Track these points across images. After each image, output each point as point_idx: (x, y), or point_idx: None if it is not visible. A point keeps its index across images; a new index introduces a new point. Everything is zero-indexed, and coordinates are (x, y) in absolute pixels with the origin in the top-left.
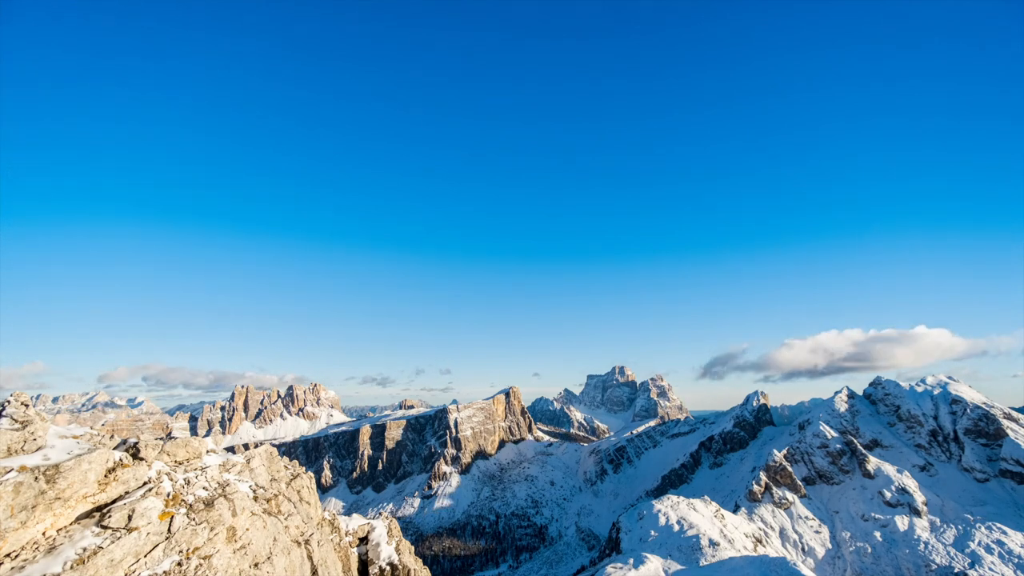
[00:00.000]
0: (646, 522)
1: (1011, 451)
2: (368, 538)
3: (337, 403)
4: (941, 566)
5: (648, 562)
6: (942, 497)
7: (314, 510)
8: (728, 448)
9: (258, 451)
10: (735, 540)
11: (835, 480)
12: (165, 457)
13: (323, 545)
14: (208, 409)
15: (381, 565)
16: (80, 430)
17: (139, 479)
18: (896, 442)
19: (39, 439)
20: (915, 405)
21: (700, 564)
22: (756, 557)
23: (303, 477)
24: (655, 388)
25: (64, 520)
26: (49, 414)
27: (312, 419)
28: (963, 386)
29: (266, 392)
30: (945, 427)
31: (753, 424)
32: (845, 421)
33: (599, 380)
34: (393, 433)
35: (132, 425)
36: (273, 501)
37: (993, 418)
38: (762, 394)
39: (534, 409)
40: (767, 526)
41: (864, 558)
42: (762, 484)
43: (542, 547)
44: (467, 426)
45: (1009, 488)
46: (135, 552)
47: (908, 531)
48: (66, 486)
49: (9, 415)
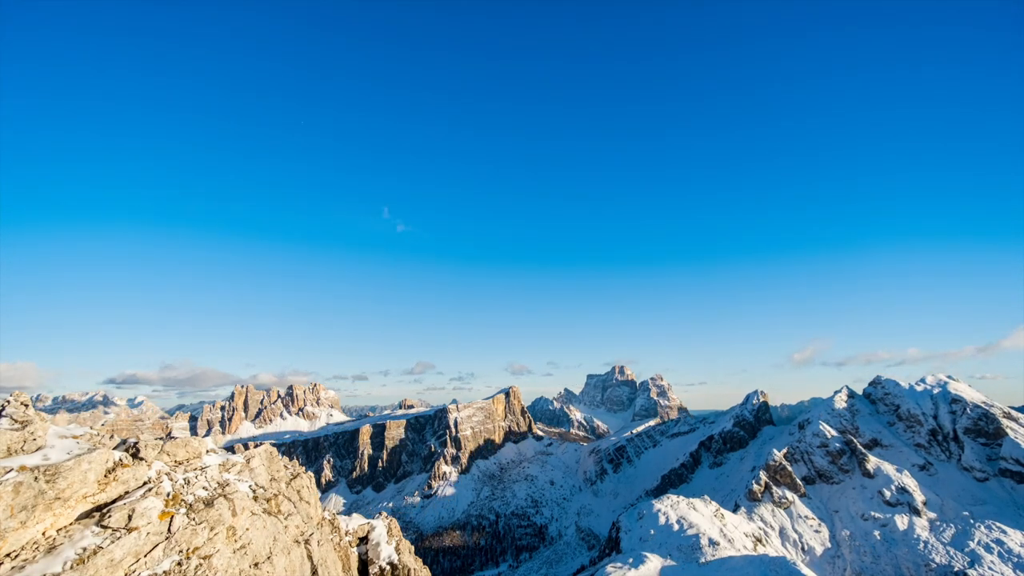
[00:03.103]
0: (646, 522)
1: (1011, 450)
2: (368, 538)
3: (337, 403)
4: (941, 565)
5: (648, 561)
6: (942, 496)
7: (314, 510)
8: (728, 448)
9: (258, 451)
10: (735, 539)
11: (835, 479)
12: (165, 457)
13: (323, 545)
14: (208, 409)
15: (381, 565)
16: (80, 430)
17: (139, 479)
18: (896, 441)
19: (39, 439)
20: (915, 404)
21: (700, 563)
22: (756, 556)
23: (303, 477)
24: (655, 388)
25: (64, 520)
26: (49, 414)
27: (312, 419)
28: (963, 385)
29: (266, 392)
30: (945, 426)
31: (753, 424)
32: (845, 420)
33: (599, 380)
34: (393, 433)
35: (132, 425)
36: (273, 501)
37: (993, 417)
38: (762, 393)
39: (534, 409)
40: (767, 525)
41: (864, 557)
42: (762, 483)
43: (542, 547)
44: (467, 426)
45: (1009, 487)
46: (135, 552)
47: (908, 530)
48: (66, 486)
49: (9, 415)
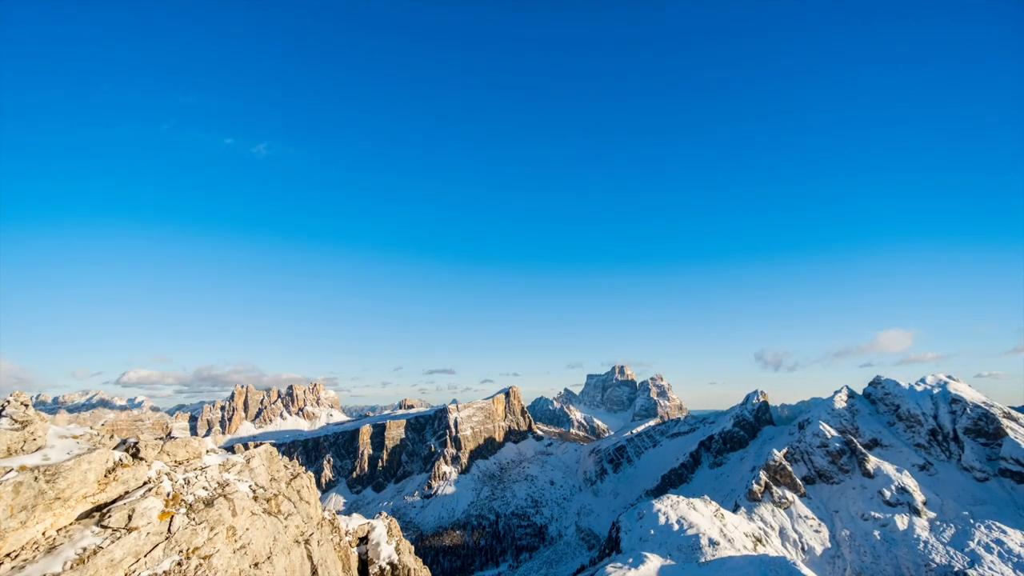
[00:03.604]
0: (646, 521)
1: (1011, 450)
2: (368, 538)
3: (337, 403)
4: (941, 565)
5: (648, 561)
6: (942, 496)
7: (314, 510)
8: (728, 447)
9: (258, 451)
10: (735, 539)
11: (835, 479)
12: (165, 457)
13: (323, 545)
14: (208, 409)
15: (381, 565)
16: (80, 430)
17: (139, 479)
18: (896, 441)
19: (39, 439)
20: (915, 404)
21: (700, 563)
22: (756, 556)
23: (303, 477)
24: (655, 388)
25: (64, 520)
26: (49, 414)
27: (312, 419)
28: (963, 385)
29: (266, 392)
30: (945, 426)
31: (753, 423)
32: (845, 420)
33: (599, 380)
34: (393, 433)
35: (132, 425)
36: (273, 501)
37: (993, 417)
38: (762, 393)
39: (534, 409)
40: (767, 525)
41: (864, 557)
42: (762, 483)
43: (542, 547)
44: (467, 426)
45: (1009, 487)
46: (135, 552)
47: (908, 530)
48: (66, 486)
49: (9, 415)
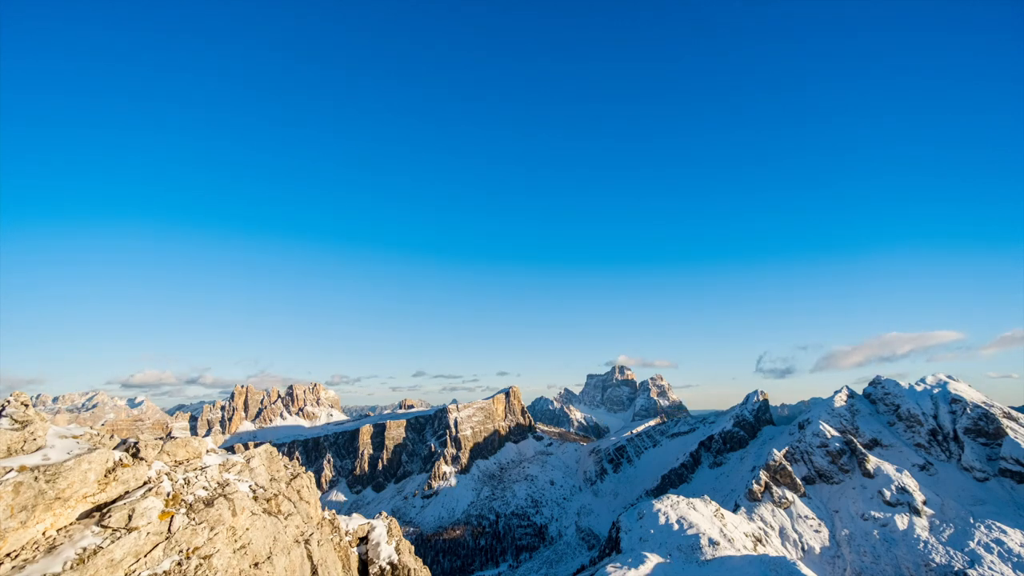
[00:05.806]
0: (646, 521)
1: (1011, 450)
2: (368, 538)
3: (337, 403)
4: (940, 565)
5: (648, 561)
6: (942, 496)
7: (314, 510)
8: (728, 447)
9: (258, 451)
10: (735, 539)
11: (835, 479)
12: (165, 457)
13: (323, 545)
14: (208, 409)
15: (381, 565)
16: (80, 430)
17: (139, 479)
18: (896, 441)
19: (39, 439)
20: (915, 404)
21: (700, 563)
22: (756, 556)
23: (303, 477)
24: (655, 388)
25: (64, 520)
26: (49, 414)
27: (312, 419)
28: (963, 385)
29: (266, 392)
30: (945, 426)
31: (753, 423)
32: (845, 420)
33: (599, 380)
34: (393, 433)
35: (132, 425)
36: (273, 501)
37: (993, 417)
38: (762, 393)
39: (534, 409)
40: (767, 525)
41: (864, 557)
42: (762, 483)
43: (542, 547)
44: (467, 426)
45: (1009, 487)
46: (135, 552)
47: (908, 530)
48: (66, 486)
49: (9, 415)
